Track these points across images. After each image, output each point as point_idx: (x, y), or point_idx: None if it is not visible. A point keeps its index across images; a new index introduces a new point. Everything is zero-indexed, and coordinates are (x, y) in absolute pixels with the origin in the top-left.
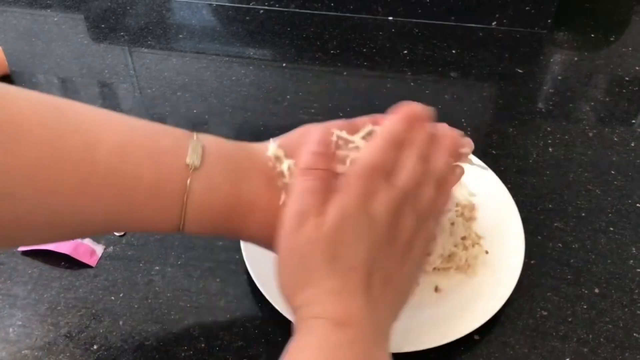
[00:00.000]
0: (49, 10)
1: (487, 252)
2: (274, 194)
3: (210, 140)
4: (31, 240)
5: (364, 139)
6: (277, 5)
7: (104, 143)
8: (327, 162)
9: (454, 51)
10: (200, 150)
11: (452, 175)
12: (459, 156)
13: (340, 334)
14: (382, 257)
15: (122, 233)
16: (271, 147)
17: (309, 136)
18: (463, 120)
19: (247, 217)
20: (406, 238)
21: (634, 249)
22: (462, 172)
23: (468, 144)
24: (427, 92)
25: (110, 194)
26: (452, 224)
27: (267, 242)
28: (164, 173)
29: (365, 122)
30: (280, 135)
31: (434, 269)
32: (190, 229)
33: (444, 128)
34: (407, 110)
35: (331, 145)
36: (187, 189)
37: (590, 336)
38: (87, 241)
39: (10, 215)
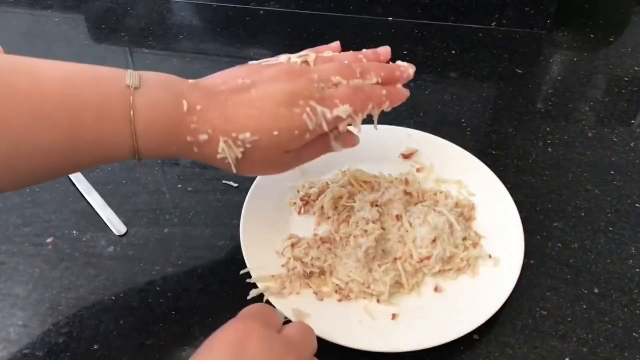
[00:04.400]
0: (49, 11)
1: (490, 257)
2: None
3: (144, 71)
4: None
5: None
6: (277, 6)
7: (51, 77)
8: None
9: (453, 51)
10: (137, 75)
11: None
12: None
13: None
14: None
15: (122, 233)
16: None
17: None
18: (463, 120)
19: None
20: None
21: (633, 248)
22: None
23: (409, 66)
24: (427, 92)
25: (62, 118)
26: (452, 225)
27: (212, 158)
28: (107, 94)
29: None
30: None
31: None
32: (144, 148)
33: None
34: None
35: None
36: (130, 105)
37: (590, 336)
38: None
39: None
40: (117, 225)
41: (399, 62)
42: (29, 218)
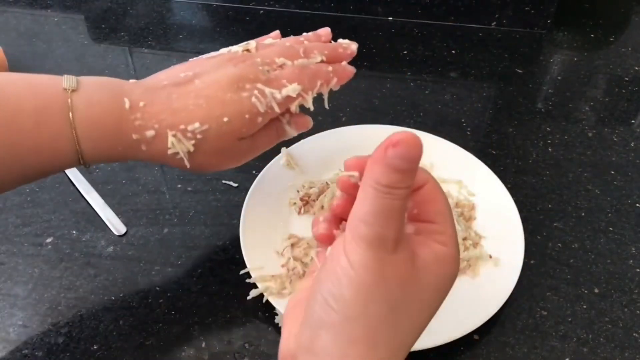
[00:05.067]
0: (49, 11)
1: (490, 257)
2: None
3: (83, 77)
4: None
5: (244, 48)
6: (277, 6)
7: None
8: (411, 180)
9: (453, 51)
10: (74, 78)
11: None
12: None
13: None
14: None
15: (122, 233)
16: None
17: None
18: (463, 120)
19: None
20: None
21: (633, 248)
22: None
23: (351, 43)
24: (426, 92)
25: None
26: None
27: (162, 155)
28: (43, 99)
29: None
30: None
31: None
32: (88, 150)
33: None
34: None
35: (417, 161)
36: (69, 107)
37: (590, 336)
38: None
39: None
40: (116, 226)
41: (340, 40)
42: (28, 218)
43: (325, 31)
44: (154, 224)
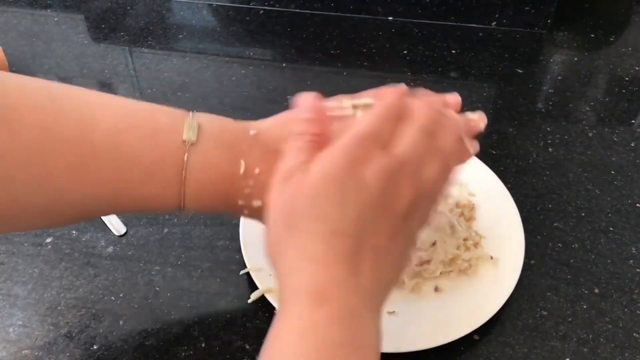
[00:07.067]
0: (49, 10)
1: (492, 258)
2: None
3: (206, 117)
4: (33, 223)
5: (357, 108)
6: (277, 5)
7: (100, 124)
8: (318, 127)
9: (453, 51)
10: (196, 126)
11: (459, 156)
12: (469, 136)
13: (320, 311)
14: (372, 227)
15: (122, 233)
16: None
17: (301, 104)
18: None
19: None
20: (401, 210)
21: (633, 249)
22: (470, 154)
23: (480, 119)
24: None
25: (109, 175)
26: (453, 225)
27: (261, 219)
28: (161, 151)
29: (365, 95)
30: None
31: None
32: (191, 206)
33: (450, 112)
34: (403, 88)
35: (323, 110)
36: (184, 165)
37: (590, 336)
38: None
39: (9, 199)
40: (116, 226)
41: (468, 115)
42: None
43: (455, 100)
44: (153, 224)
